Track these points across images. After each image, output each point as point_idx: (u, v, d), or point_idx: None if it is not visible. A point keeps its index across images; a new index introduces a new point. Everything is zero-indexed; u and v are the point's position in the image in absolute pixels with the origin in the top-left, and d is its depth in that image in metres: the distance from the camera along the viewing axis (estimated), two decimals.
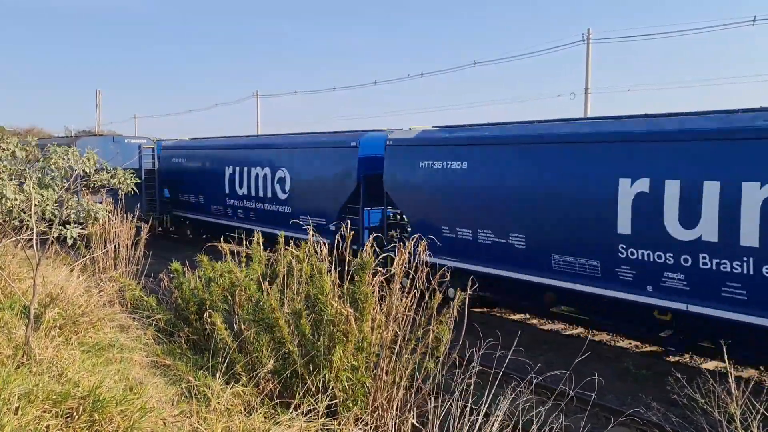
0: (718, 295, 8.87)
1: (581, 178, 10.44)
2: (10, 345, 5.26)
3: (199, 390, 5.28)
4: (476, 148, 12.29)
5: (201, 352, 6.95)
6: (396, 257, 5.89)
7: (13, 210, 6.09)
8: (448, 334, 5.79)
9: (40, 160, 7.31)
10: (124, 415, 4.07)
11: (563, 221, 10.69)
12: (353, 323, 5.53)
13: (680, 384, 5.98)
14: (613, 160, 10.05)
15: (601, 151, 10.32)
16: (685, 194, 9.03)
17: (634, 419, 7.89)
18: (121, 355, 6.01)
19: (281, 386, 5.83)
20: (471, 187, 12.15)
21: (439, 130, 13.88)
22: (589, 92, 30.07)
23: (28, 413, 3.81)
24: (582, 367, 5.98)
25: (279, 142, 18.90)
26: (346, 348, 5.56)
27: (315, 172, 16.51)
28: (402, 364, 5.60)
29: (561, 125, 11.54)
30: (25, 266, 8.46)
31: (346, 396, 5.55)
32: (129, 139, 23.78)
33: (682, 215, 9.07)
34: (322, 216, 15.95)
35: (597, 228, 10.16)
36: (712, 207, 8.76)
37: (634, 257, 9.73)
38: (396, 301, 5.78)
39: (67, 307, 6.40)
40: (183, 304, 7.85)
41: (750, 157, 8.54)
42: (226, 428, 4.60)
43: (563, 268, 10.82)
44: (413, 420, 5.23)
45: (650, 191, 9.41)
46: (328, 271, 6.21)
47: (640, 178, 9.54)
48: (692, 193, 8.94)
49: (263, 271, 7.46)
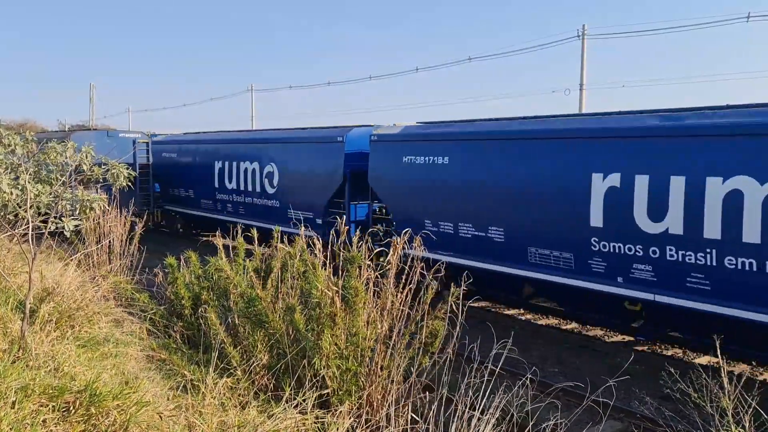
0: (684, 286, 9.20)
1: (555, 173, 10.77)
2: (6, 339, 5.26)
3: (194, 384, 5.30)
4: (456, 143, 12.61)
5: (195, 346, 6.97)
6: (390, 252, 5.91)
7: (9, 204, 6.09)
8: (443, 329, 5.82)
9: (36, 155, 7.30)
10: (120, 409, 4.08)
11: (539, 215, 11.03)
12: (338, 305, 5.56)
13: (673, 378, 6.02)
14: (586, 156, 10.38)
15: (574, 147, 10.63)
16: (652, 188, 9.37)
17: (627, 413, 7.96)
18: (117, 350, 6.02)
19: (275, 380, 5.86)
20: (452, 181, 12.43)
21: (422, 126, 14.20)
22: (584, 88, 30.14)
23: (24, 407, 3.82)
24: (575, 362, 6.02)
25: (267, 137, 19.16)
26: (334, 333, 5.58)
27: (303, 167, 16.70)
28: (396, 358, 5.64)
29: (536, 122, 11.89)
30: (20, 261, 8.44)
31: (339, 387, 5.58)
32: (124, 133, 23.75)
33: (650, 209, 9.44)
34: (309, 210, 16.20)
35: (571, 222, 10.49)
36: (678, 201, 9.09)
37: (606, 250, 10.11)
38: (390, 296, 5.80)
39: (62, 302, 6.40)
40: (177, 300, 7.87)
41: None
42: (222, 422, 4.61)
43: (539, 261, 11.17)
44: (410, 413, 5.26)
45: (621, 186, 9.74)
46: (323, 267, 6.24)
47: (611, 173, 9.87)
48: (660, 188, 9.26)
49: (257, 266, 7.47)
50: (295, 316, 5.90)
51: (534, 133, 11.41)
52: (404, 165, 13.35)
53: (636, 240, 9.56)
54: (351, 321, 5.69)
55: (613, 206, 9.81)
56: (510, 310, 13.90)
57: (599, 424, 7.35)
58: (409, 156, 13.27)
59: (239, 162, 19.07)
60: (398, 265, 5.89)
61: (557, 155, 10.82)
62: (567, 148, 10.70)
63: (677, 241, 9.11)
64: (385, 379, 5.67)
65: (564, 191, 10.54)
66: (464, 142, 12.53)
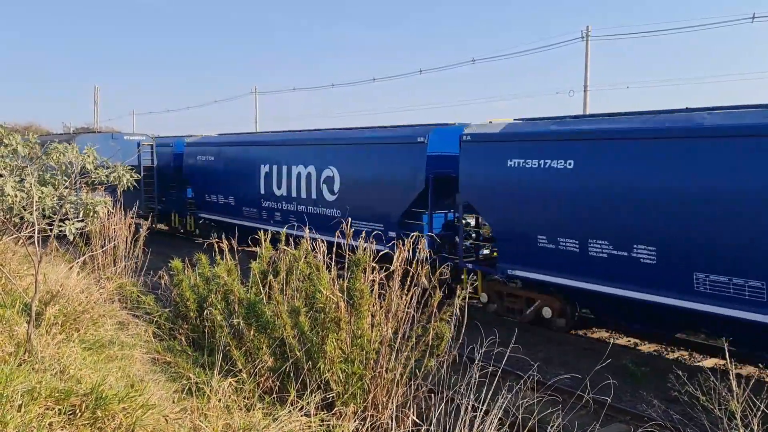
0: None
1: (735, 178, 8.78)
2: (12, 342, 5.26)
3: (199, 387, 5.29)
4: (585, 143, 10.59)
5: (200, 349, 6.96)
6: (395, 253, 5.86)
7: (14, 207, 6.08)
8: (449, 332, 5.80)
9: (40, 157, 7.30)
10: (126, 412, 4.08)
11: (709, 231, 9.09)
12: (344, 310, 5.53)
13: (681, 381, 5.99)
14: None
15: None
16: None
17: (633, 415, 7.92)
18: (122, 352, 6.02)
19: (280, 382, 5.85)
20: (579, 189, 10.56)
21: (532, 123, 12.15)
22: (588, 90, 30.10)
23: (31, 411, 3.81)
24: (581, 364, 6.00)
25: (326, 137, 17.23)
26: (339, 337, 5.56)
27: (372, 171, 14.80)
28: (401, 361, 5.62)
29: (702, 115, 9.65)
30: (25, 263, 8.46)
31: (344, 390, 5.56)
32: (128, 135, 23.73)
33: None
34: (379, 221, 14.32)
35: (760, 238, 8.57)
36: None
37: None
38: (395, 297, 5.77)
39: (67, 304, 6.40)
40: (182, 302, 7.86)
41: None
42: (227, 425, 4.61)
43: (710, 290, 9.17)
44: (413, 416, 5.25)
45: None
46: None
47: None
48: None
49: (263, 269, 7.44)
50: (300, 319, 5.89)
51: (698, 131, 9.29)
52: (510, 169, 11.48)
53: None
54: (356, 324, 5.67)
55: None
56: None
57: (605, 426, 7.33)
58: (516, 159, 11.40)
59: (290, 165, 17.19)
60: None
61: (739, 157, 8.82)
62: (755, 146, 8.67)
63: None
64: (390, 382, 5.66)
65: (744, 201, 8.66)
66: (599, 141, 10.43)
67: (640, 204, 9.73)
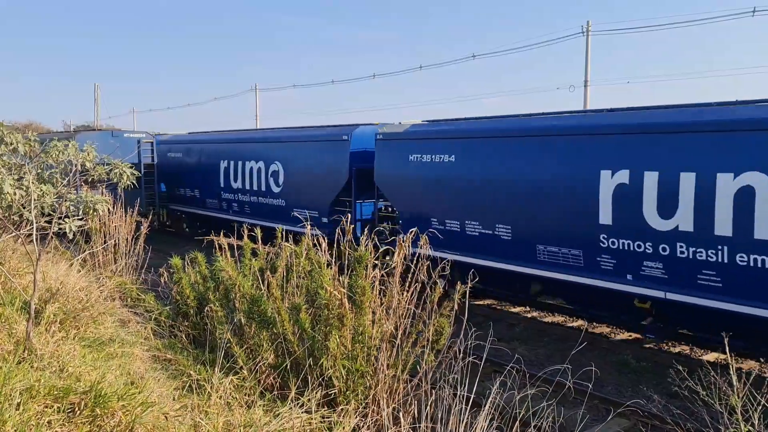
0: (695, 283, 9.14)
1: (564, 169, 10.73)
2: (11, 340, 5.26)
3: (200, 384, 5.28)
4: (463, 141, 12.63)
5: (201, 346, 6.95)
6: (396, 250, 5.89)
7: (13, 205, 6.07)
8: (449, 327, 5.80)
9: (39, 155, 7.29)
10: (126, 409, 4.07)
11: (548, 212, 11.02)
12: (347, 306, 5.54)
13: (681, 376, 5.98)
14: (594, 153, 10.35)
15: (583, 143, 10.60)
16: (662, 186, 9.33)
17: (633, 410, 7.91)
18: (122, 350, 6.00)
19: (281, 379, 5.84)
20: (459, 179, 12.48)
21: (428, 124, 14.23)
22: (589, 85, 30.04)
23: (29, 409, 3.81)
24: (581, 359, 5.99)
25: (272, 136, 19.12)
26: (342, 333, 5.56)
27: (308, 166, 16.71)
28: (402, 357, 5.61)
29: (542, 118, 11.91)
30: (25, 261, 8.45)
31: (346, 387, 5.56)
32: (128, 133, 23.74)
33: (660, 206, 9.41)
34: (314, 209, 16.25)
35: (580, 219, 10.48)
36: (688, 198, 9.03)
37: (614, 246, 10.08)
38: (396, 294, 5.78)
39: (67, 302, 6.40)
40: (182, 300, 7.85)
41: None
42: (227, 422, 4.60)
43: (548, 259, 11.16)
44: (415, 412, 5.24)
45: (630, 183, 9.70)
46: (328, 266, 6.22)
47: (620, 170, 9.83)
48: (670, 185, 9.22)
49: (262, 265, 7.44)
50: (301, 316, 5.88)
51: (536, 131, 11.41)
52: (411, 163, 13.41)
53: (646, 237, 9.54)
54: (358, 320, 5.66)
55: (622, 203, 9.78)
56: (516, 307, 13.85)
57: (605, 421, 7.33)
58: (415, 154, 13.34)
59: (245, 161, 19.11)
60: (404, 263, 5.86)
61: (565, 152, 10.76)
62: (575, 144, 10.65)
63: (688, 238, 9.07)
64: (391, 378, 5.65)
65: (572, 189, 10.52)
66: (470, 139, 12.53)
67: (500, 191, 11.79)
